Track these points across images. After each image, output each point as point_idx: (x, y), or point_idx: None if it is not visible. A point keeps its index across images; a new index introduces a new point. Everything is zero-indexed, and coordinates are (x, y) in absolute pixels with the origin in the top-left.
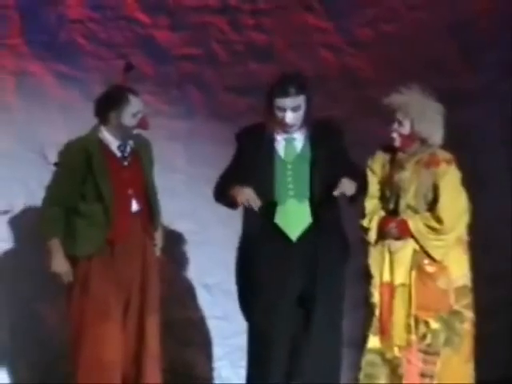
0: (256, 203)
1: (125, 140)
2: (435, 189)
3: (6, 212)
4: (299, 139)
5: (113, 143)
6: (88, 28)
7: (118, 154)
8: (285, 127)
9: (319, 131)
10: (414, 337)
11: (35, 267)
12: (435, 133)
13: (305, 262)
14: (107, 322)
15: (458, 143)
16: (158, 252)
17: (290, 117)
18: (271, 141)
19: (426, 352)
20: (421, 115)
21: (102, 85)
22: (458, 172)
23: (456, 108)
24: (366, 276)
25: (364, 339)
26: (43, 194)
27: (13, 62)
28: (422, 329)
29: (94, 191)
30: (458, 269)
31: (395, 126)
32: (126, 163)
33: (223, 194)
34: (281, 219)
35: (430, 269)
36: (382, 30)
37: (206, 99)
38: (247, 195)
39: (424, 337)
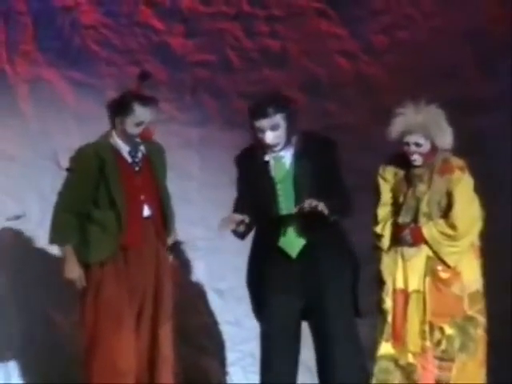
0: (230, 226)
1: (135, 146)
2: (449, 195)
3: (18, 217)
4: (287, 157)
5: (124, 149)
6: (102, 34)
7: (129, 159)
8: (268, 147)
9: (307, 147)
10: (428, 343)
11: (49, 274)
12: (450, 141)
13: (306, 276)
14: (121, 329)
15: (471, 150)
16: (170, 258)
17: (269, 137)
18: (263, 162)
19: (441, 358)
20: (440, 130)
21: (115, 91)
22: (471, 179)
23: (470, 115)
24: (379, 282)
25: (376, 346)
26: (55, 200)
27: (26, 68)
28: (437, 335)
29: (106, 197)
30: (470, 274)
31: (413, 148)
32: (137, 168)
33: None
34: (281, 238)
35: (443, 275)
36: (396, 37)
37: (219, 106)
38: (225, 220)
39: (439, 343)
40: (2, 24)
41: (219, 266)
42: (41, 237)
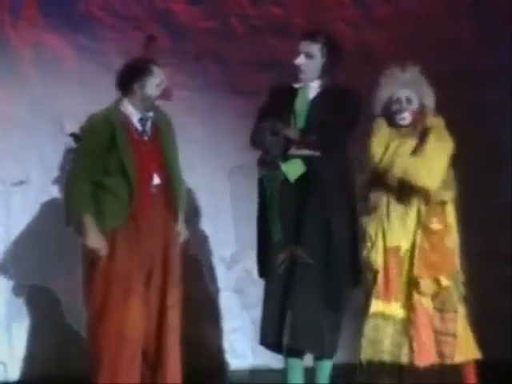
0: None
1: (146, 113)
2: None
3: (22, 182)
4: (312, 89)
5: (135, 116)
6: (106, 0)
7: (139, 127)
8: (297, 71)
9: (333, 90)
10: (417, 296)
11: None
12: (433, 101)
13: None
14: (130, 296)
15: (473, 121)
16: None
17: (300, 60)
18: (290, 88)
19: (441, 310)
20: (426, 87)
21: (119, 56)
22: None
23: (472, 86)
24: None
25: (366, 305)
26: (69, 171)
27: (29, 33)
28: (434, 287)
29: (117, 165)
30: (455, 229)
31: (404, 104)
32: (146, 138)
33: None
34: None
35: (436, 226)
36: (400, 7)
37: (223, 73)
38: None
39: (436, 295)
40: None
41: (223, 233)
42: (43, 202)
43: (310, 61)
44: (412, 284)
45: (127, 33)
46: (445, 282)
